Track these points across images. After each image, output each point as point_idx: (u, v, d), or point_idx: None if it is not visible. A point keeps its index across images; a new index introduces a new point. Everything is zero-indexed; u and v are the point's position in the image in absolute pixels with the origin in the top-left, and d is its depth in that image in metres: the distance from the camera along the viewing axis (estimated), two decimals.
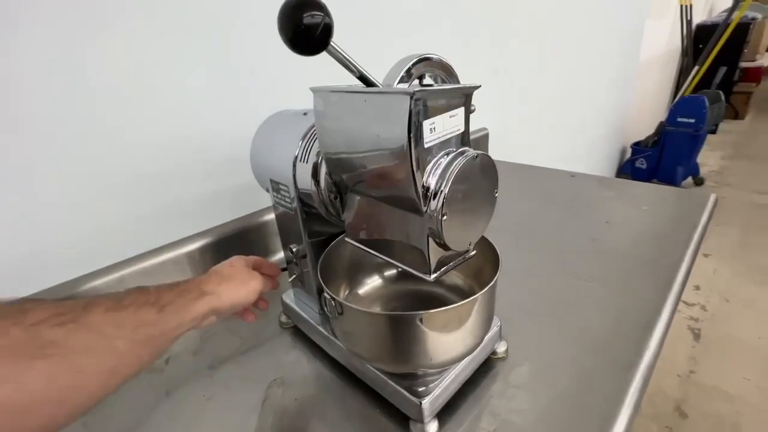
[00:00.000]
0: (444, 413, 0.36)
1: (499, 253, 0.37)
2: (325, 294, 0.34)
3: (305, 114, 0.40)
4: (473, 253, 0.34)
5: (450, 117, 0.27)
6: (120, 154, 0.48)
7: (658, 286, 0.52)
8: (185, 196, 0.55)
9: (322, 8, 0.23)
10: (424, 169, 0.27)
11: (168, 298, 0.26)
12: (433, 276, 0.31)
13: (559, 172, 0.96)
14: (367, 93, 0.26)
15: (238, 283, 0.32)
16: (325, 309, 0.35)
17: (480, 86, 0.29)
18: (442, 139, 0.27)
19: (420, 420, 0.34)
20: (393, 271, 0.45)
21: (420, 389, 0.35)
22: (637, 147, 2.47)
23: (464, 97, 0.28)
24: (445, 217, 0.27)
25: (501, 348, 0.42)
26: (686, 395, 1.11)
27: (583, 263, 0.59)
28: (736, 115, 3.65)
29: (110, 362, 0.21)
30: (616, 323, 0.46)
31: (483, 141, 1.06)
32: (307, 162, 0.36)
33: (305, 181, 0.37)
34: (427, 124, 0.25)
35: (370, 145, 0.28)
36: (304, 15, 0.22)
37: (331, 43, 0.24)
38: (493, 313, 0.39)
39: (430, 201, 0.27)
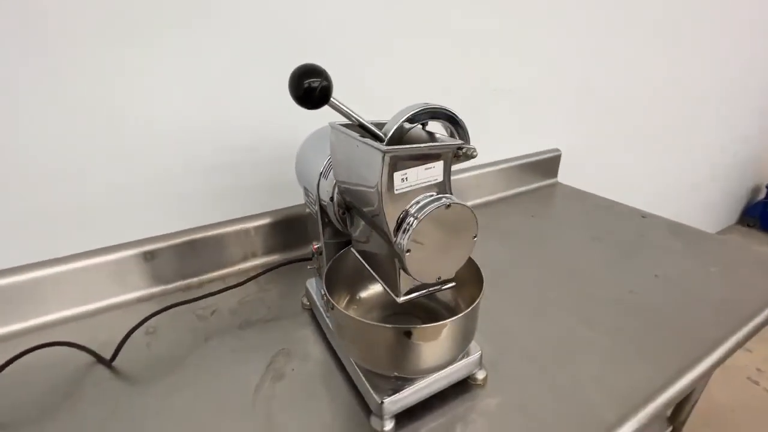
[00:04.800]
0: (404, 416, 0.41)
1: (484, 284, 0.40)
2: (323, 290, 0.41)
3: None
4: (451, 285, 0.38)
5: (425, 169, 0.31)
6: (198, 149, 0.60)
7: (678, 367, 0.47)
8: (252, 182, 0.66)
9: (321, 74, 0.28)
10: (395, 209, 0.31)
11: None
12: (402, 298, 0.35)
13: (631, 209, 0.89)
14: (358, 140, 0.31)
15: None
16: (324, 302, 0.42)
17: (461, 143, 0.32)
18: (415, 188, 0.31)
19: (379, 416, 0.40)
20: None
21: (386, 388, 0.40)
22: None
23: (440, 154, 0.31)
24: (408, 252, 0.31)
25: (480, 375, 0.45)
26: None
27: (608, 315, 0.56)
28: None
29: None
30: (611, 394, 0.43)
31: (552, 163, 1.02)
32: (327, 179, 0.43)
33: (325, 195, 0.43)
34: (398, 175, 0.30)
35: (358, 181, 0.33)
36: (305, 81, 0.28)
37: (332, 99, 0.30)
38: (470, 340, 0.42)
39: (399, 236, 0.32)
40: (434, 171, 0.31)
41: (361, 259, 0.42)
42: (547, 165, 1.01)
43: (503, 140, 0.93)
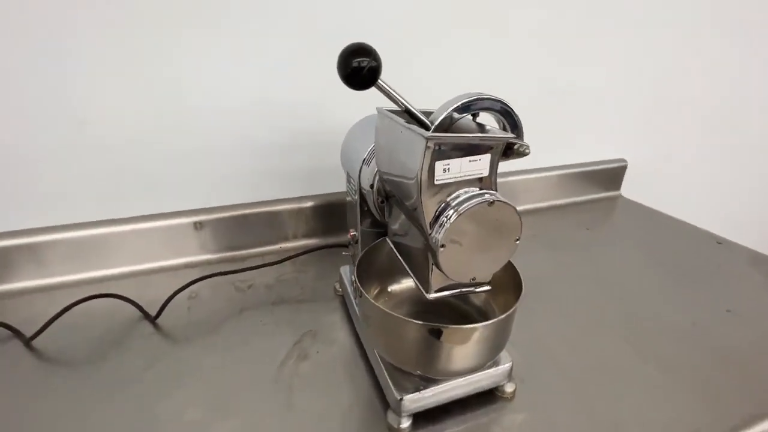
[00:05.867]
0: (422, 417, 0.39)
1: (522, 290, 0.37)
2: (353, 277, 0.41)
3: None
4: (486, 288, 0.36)
5: (470, 161, 0.29)
6: (250, 128, 0.62)
7: (744, 415, 0.41)
8: (298, 165, 0.68)
9: (370, 53, 0.27)
10: (434, 201, 0.30)
11: None
12: (432, 295, 0.34)
13: (705, 233, 0.80)
14: (402, 126, 0.30)
15: None
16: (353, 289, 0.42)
17: (512, 137, 0.29)
18: (457, 180, 0.29)
19: (397, 413, 0.39)
20: None
21: (408, 386, 0.39)
22: None
23: (489, 147, 0.29)
24: (443, 248, 0.30)
25: (508, 388, 0.42)
26: None
27: (662, 346, 0.51)
28: None
29: None
30: None
31: (616, 173, 0.94)
32: (369, 166, 0.42)
33: (365, 182, 0.43)
34: (440, 165, 0.28)
35: (399, 169, 0.32)
36: (353, 60, 0.27)
37: (379, 81, 0.29)
38: (501, 349, 0.39)
39: (435, 229, 0.30)
40: (480, 164, 0.29)
41: (395, 250, 0.41)
42: (610, 175, 0.93)
43: (562, 144, 0.87)
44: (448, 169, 0.29)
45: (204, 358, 0.47)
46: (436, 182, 0.29)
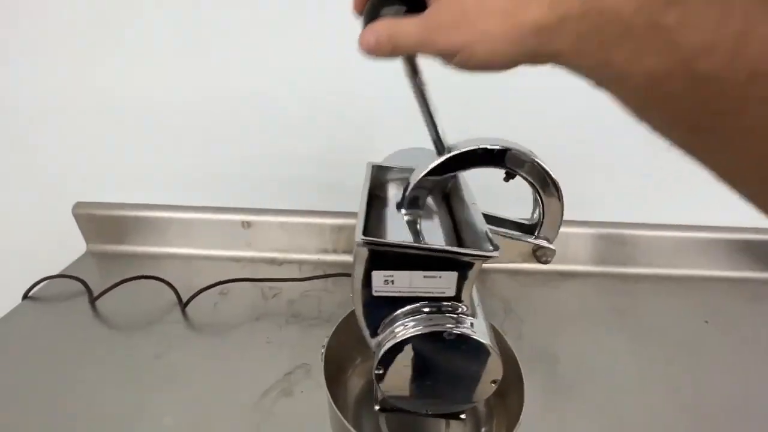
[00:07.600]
0: None
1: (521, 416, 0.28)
2: (323, 349, 0.36)
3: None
4: (460, 418, 0.27)
5: (425, 277, 0.21)
6: (312, 137, 0.60)
7: None
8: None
9: None
10: (373, 313, 0.23)
11: None
12: (377, 408, 0.27)
13: None
14: (364, 200, 0.24)
15: None
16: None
17: (492, 257, 0.20)
18: (406, 295, 0.22)
19: None
20: None
21: None
22: None
23: (454, 262, 0.21)
24: (380, 371, 0.23)
25: None
26: None
27: None
28: None
29: None
30: None
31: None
32: None
33: None
34: (379, 276, 0.21)
35: None
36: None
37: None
38: None
39: (376, 343, 0.24)
40: (440, 282, 0.21)
41: None
42: (762, 250, 0.66)
43: (696, 200, 0.64)
44: (392, 282, 0.21)
45: (205, 360, 0.49)
46: (374, 294, 0.22)
